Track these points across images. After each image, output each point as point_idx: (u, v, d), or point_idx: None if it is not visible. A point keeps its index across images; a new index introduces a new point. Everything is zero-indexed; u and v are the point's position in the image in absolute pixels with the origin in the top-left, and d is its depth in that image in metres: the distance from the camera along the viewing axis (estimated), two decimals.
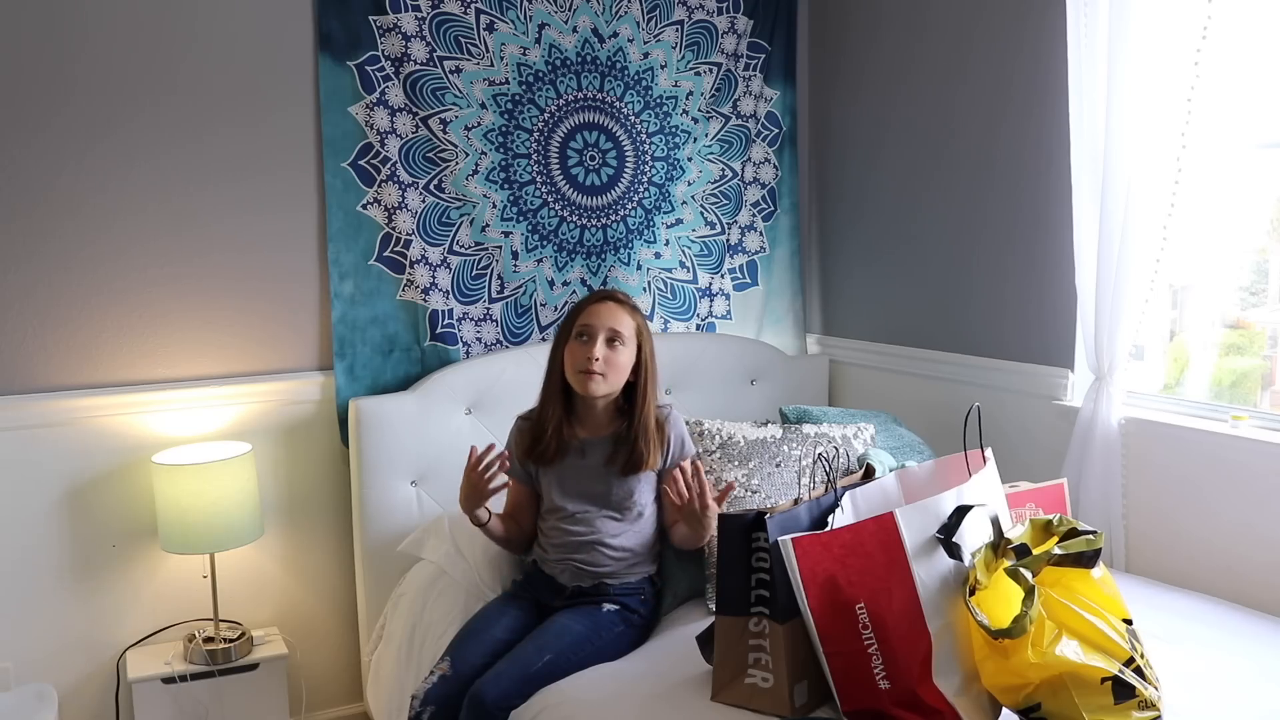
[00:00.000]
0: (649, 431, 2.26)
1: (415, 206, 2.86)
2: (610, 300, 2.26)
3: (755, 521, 1.79)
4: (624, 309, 2.26)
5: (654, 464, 2.27)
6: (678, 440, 2.32)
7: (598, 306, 2.24)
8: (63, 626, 2.61)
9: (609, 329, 2.22)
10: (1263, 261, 2.53)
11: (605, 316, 2.22)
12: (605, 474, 2.27)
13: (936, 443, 2.86)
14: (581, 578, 2.26)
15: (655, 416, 2.28)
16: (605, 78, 3.09)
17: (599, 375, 2.21)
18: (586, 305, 2.27)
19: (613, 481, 2.26)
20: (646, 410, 2.27)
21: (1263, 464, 2.27)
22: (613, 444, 2.28)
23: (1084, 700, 1.58)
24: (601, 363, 2.20)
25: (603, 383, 2.22)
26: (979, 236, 2.90)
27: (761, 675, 1.79)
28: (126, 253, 2.60)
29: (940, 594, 1.69)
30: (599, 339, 2.20)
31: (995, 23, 2.79)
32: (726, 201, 3.34)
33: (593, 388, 2.22)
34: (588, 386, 2.22)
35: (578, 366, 2.21)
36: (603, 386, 2.22)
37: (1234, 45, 2.22)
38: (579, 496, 2.27)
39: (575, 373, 2.22)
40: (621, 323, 2.23)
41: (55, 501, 2.58)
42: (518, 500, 2.39)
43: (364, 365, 2.84)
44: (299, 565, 2.87)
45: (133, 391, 2.63)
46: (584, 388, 2.22)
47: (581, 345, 2.22)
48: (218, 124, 2.66)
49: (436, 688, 2.06)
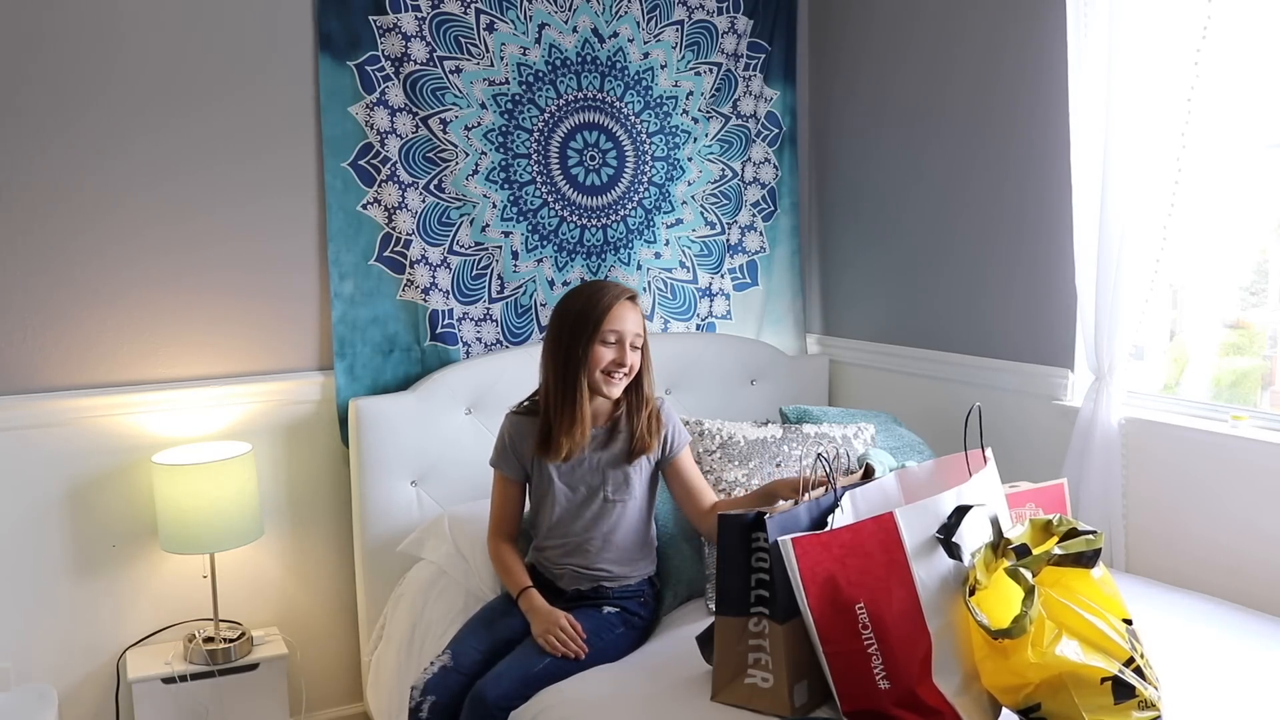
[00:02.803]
0: (651, 419, 2.29)
1: (415, 206, 2.86)
2: (630, 301, 2.25)
3: (755, 521, 1.79)
4: (638, 309, 2.27)
5: (654, 449, 2.29)
6: (674, 428, 2.34)
7: (624, 312, 2.22)
8: (63, 626, 2.61)
9: (633, 335, 2.23)
10: (1263, 261, 2.53)
11: (632, 322, 2.23)
12: (604, 463, 2.28)
13: (936, 443, 2.86)
14: (580, 581, 2.26)
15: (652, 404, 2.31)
16: (605, 78, 3.09)
17: (625, 377, 2.24)
18: (611, 306, 2.21)
19: (609, 471, 2.28)
20: (648, 398, 2.29)
21: (1263, 464, 2.27)
22: (609, 433, 2.29)
23: (1084, 700, 1.58)
24: (629, 367, 2.23)
25: (623, 383, 2.25)
26: (979, 236, 2.90)
27: (761, 675, 1.79)
28: (126, 252, 2.61)
29: (940, 594, 1.69)
30: (627, 345, 2.22)
31: (995, 23, 2.79)
32: (726, 201, 3.34)
33: (616, 390, 2.24)
34: (612, 389, 2.23)
35: (605, 369, 2.21)
36: (621, 386, 2.25)
37: (1234, 45, 2.22)
38: (579, 487, 2.28)
39: (599, 374, 2.22)
40: (641, 326, 2.25)
41: (55, 502, 2.58)
42: (513, 501, 2.36)
43: (364, 365, 2.84)
44: (299, 565, 2.87)
45: (133, 391, 2.63)
46: (607, 389, 2.23)
47: (610, 349, 2.21)
48: (217, 124, 2.66)
49: (437, 678, 2.06)
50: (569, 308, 2.24)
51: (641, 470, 2.30)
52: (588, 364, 2.20)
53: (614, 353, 2.20)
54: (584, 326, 2.21)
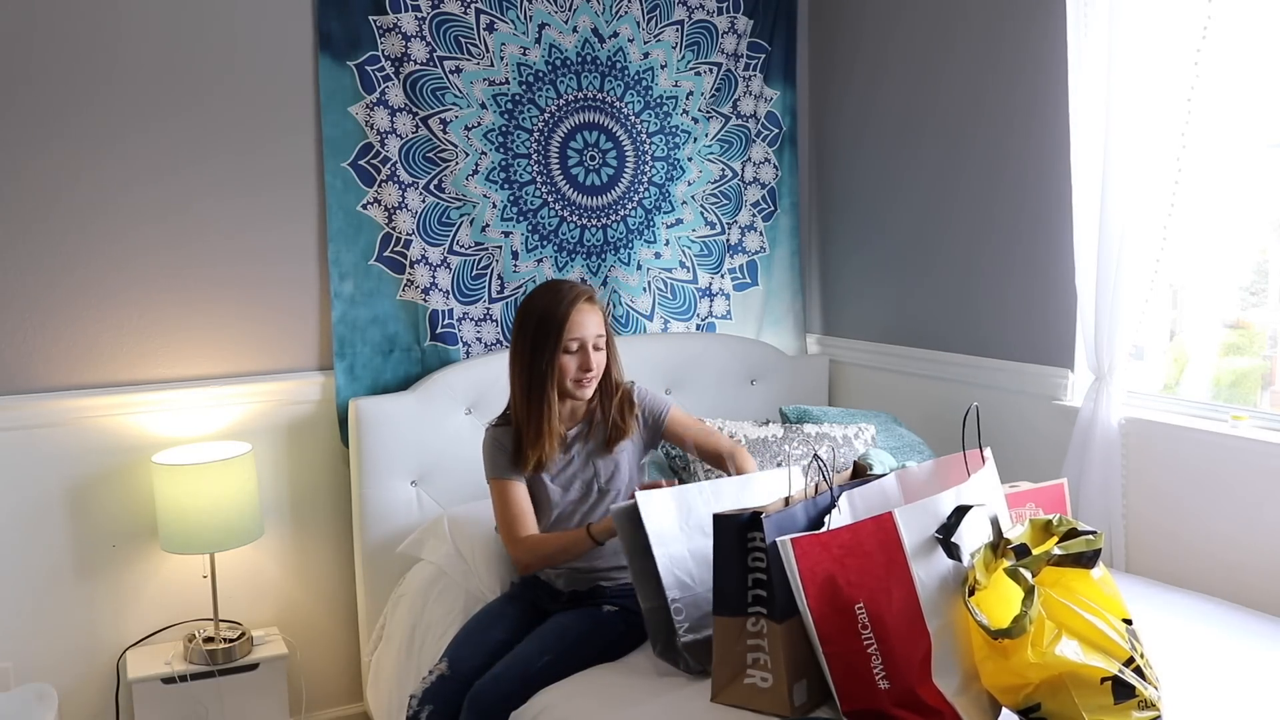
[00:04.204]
0: (623, 404, 2.31)
1: (415, 206, 2.86)
2: (588, 303, 2.24)
3: (751, 521, 1.79)
4: (596, 306, 2.26)
5: (632, 431, 2.31)
6: (648, 402, 2.36)
7: (582, 317, 2.21)
8: (63, 626, 2.61)
9: (595, 336, 2.24)
10: (1263, 261, 2.53)
11: (592, 325, 2.23)
12: (591, 455, 2.30)
13: (937, 443, 2.86)
14: (577, 582, 2.26)
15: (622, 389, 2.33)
16: (605, 78, 3.09)
17: (593, 379, 2.25)
18: (569, 315, 2.20)
19: (598, 462, 2.30)
20: (617, 384, 2.31)
21: (1263, 464, 2.27)
22: (589, 425, 2.31)
23: (1084, 700, 1.58)
24: (595, 369, 2.24)
25: (594, 383, 2.26)
26: (979, 236, 2.90)
27: (760, 675, 1.79)
28: (126, 252, 2.61)
29: (939, 594, 1.69)
30: (590, 348, 2.23)
31: (994, 23, 2.79)
32: (726, 201, 3.34)
33: (588, 391, 2.26)
34: (584, 392, 2.25)
35: (573, 378, 2.23)
36: (593, 386, 2.26)
37: (1234, 45, 2.22)
38: (572, 484, 2.29)
39: (570, 382, 2.23)
40: (600, 324, 2.26)
41: (55, 501, 2.58)
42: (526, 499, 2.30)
43: (364, 365, 2.84)
44: (299, 565, 2.87)
45: (133, 391, 2.63)
46: (579, 393, 2.25)
47: (574, 357, 2.22)
48: (217, 123, 2.66)
49: (434, 687, 2.06)
50: (527, 317, 2.23)
51: (628, 454, 2.32)
52: (554, 377, 2.21)
53: (578, 359, 2.22)
54: (545, 339, 2.20)
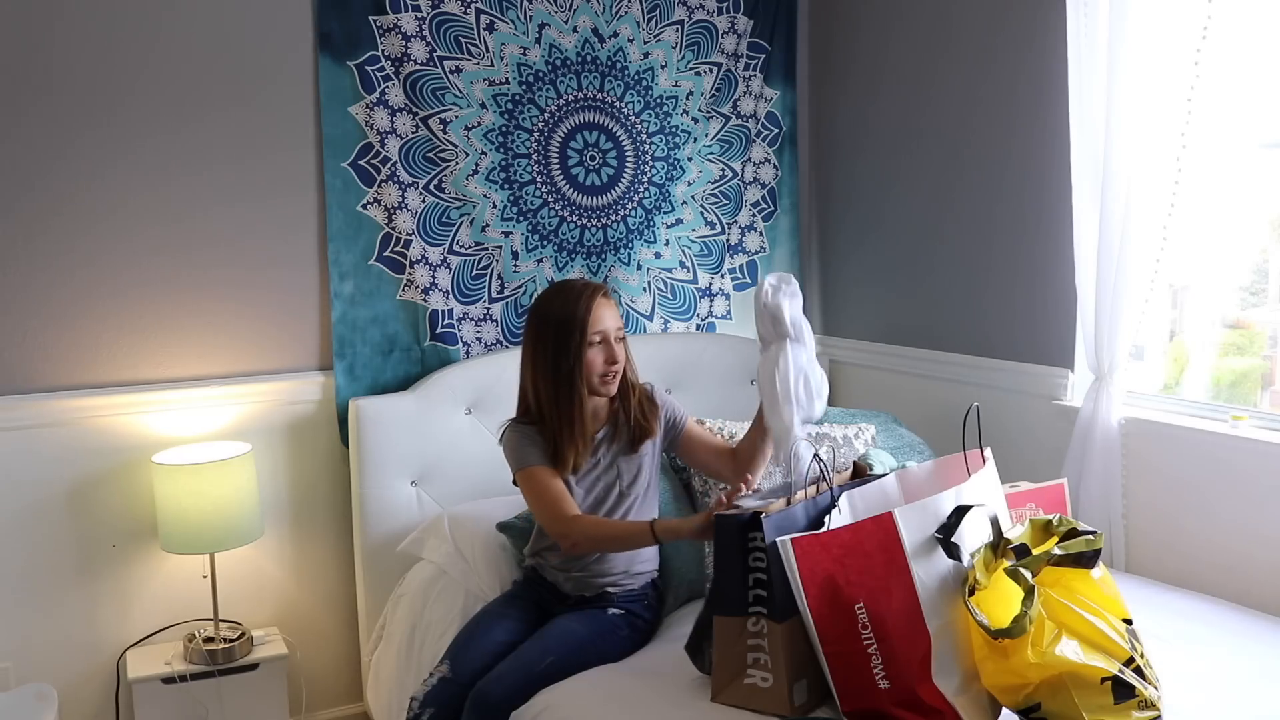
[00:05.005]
0: (643, 403, 2.29)
1: (415, 206, 2.86)
2: (604, 297, 2.22)
3: (751, 521, 1.79)
4: (612, 300, 2.25)
5: (656, 432, 2.29)
6: (666, 404, 2.35)
7: (600, 311, 2.19)
8: (63, 626, 2.61)
9: (616, 329, 2.21)
10: (1263, 261, 2.53)
11: (611, 318, 2.21)
12: (615, 459, 2.27)
13: (936, 443, 2.86)
14: (585, 587, 2.25)
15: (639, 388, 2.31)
16: (605, 78, 3.09)
17: (617, 375, 2.22)
18: (591, 309, 2.18)
19: (622, 464, 2.27)
20: (634, 384, 2.29)
21: (1263, 464, 2.27)
22: (614, 428, 2.28)
23: (1084, 700, 1.58)
24: (620, 361, 2.22)
25: (618, 379, 2.23)
26: (979, 236, 2.90)
27: (761, 675, 1.79)
28: (126, 252, 2.61)
29: (939, 594, 1.69)
30: (613, 340, 2.20)
31: (995, 22, 2.79)
32: (726, 201, 3.34)
33: (614, 388, 2.23)
34: (610, 388, 2.22)
35: (599, 372, 2.19)
36: (618, 382, 2.24)
37: (1234, 45, 2.22)
38: (596, 485, 2.26)
39: (596, 377, 2.20)
40: (618, 317, 2.24)
41: (55, 501, 2.58)
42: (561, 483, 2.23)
43: (364, 365, 2.84)
44: (299, 565, 2.87)
45: (133, 391, 2.63)
46: (605, 390, 2.22)
47: (600, 350, 2.19)
48: (217, 123, 2.66)
49: (436, 690, 2.05)
50: (544, 323, 2.19)
51: (649, 457, 2.30)
52: (582, 374, 2.17)
53: (604, 353, 2.19)
54: (568, 338, 2.16)
